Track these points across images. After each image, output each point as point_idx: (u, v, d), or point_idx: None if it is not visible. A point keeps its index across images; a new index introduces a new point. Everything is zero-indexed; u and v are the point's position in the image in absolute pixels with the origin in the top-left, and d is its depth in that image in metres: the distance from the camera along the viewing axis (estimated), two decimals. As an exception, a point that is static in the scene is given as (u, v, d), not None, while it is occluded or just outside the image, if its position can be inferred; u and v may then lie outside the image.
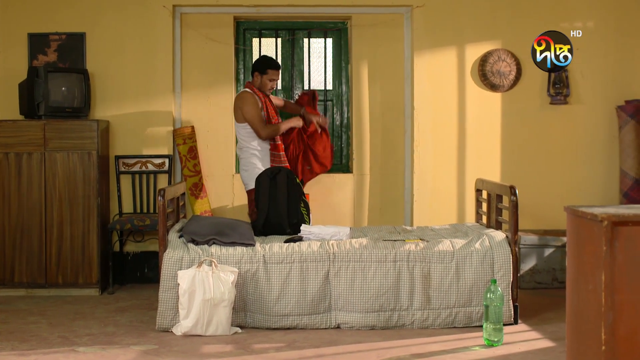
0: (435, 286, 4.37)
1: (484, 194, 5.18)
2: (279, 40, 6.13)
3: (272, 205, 4.94)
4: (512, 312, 4.39)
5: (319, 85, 6.16)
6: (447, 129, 5.92)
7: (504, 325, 4.21)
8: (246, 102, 5.19)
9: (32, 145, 5.31)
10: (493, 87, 5.90)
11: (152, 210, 5.80)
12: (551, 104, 5.93)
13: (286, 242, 4.53)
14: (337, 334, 4.25)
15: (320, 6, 5.94)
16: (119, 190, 5.74)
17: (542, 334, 4.24)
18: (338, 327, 4.36)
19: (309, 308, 4.33)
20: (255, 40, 6.13)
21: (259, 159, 5.24)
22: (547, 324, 4.45)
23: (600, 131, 5.96)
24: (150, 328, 4.35)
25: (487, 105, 5.93)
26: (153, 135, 5.82)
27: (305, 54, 6.14)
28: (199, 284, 4.11)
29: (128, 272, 5.82)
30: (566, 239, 2.93)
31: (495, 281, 4.09)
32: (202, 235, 4.45)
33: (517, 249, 4.47)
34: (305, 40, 6.14)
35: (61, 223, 5.32)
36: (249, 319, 4.35)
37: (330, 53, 6.17)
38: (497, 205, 4.83)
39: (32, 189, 5.31)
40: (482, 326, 4.23)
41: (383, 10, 5.96)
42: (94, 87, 5.77)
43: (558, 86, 5.89)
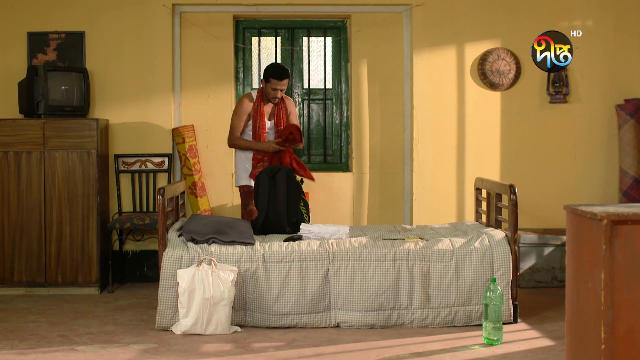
0: (435, 285, 4.37)
1: (484, 193, 5.17)
2: (279, 39, 6.12)
3: (271, 204, 4.95)
4: (512, 311, 4.39)
5: (319, 84, 6.16)
6: (446, 128, 5.92)
7: (504, 324, 4.21)
8: (238, 105, 5.36)
9: (32, 144, 5.31)
10: (492, 86, 5.90)
11: (151, 209, 5.80)
12: (551, 102, 5.93)
13: (286, 241, 4.52)
14: (337, 332, 4.25)
15: (320, 5, 5.94)
16: (118, 189, 5.74)
17: (542, 333, 4.24)
18: (337, 326, 4.36)
19: (308, 307, 4.33)
20: (255, 39, 6.12)
21: (245, 155, 5.34)
22: (547, 323, 4.44)
23: (599, 130, 5.96)
24: (150, 327, 4.35)
25: (486, 104, 5.93)
26: (152, 134, 5.82)
27: (305, 53, 6.14)
28: (199, 283, 4.11)
29: (127, 271, 5.82)
30: (566, 238, 2.93)
31: (494, 280, 4.09)
32: (201, 234, 4.45)
33: (516, 247, 4.47)
34: (305, 39, 6.14)
35: (61, 222, 5.32)
36: (249, 317, 4.35)
37: (330, 52, 6.16)
38: (497, 204, 4.83)
39: (32, 188, 5.31)
40: (481, 325, 4.23)
41: (382, 9, 5.96)
42: (93, 86, 5.77)
43: (557, 85, 5.89)
